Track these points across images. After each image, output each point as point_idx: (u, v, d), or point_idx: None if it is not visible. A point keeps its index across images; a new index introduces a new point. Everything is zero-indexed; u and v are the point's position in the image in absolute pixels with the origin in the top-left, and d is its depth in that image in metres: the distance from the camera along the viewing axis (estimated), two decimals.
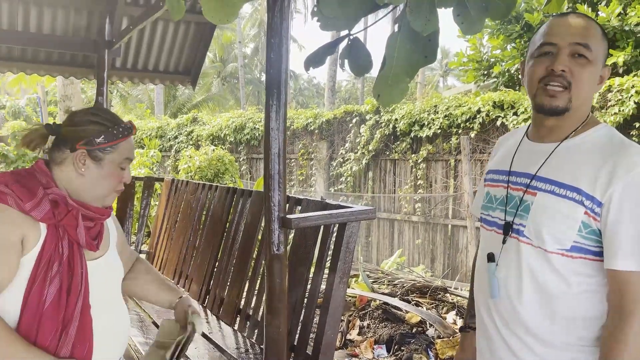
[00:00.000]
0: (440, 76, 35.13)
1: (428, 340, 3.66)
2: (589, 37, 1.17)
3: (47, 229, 1.22)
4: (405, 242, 8.45)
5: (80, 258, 1.26)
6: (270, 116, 1.82)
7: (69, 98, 7.75)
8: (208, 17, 1.04)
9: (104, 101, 4.29)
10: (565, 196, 1.17)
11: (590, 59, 1.16)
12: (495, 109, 7.06)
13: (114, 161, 1.32)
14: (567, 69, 1.16)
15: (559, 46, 1.17)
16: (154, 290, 1.59)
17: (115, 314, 1.39)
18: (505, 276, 1.26)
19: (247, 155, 11.17)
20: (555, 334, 1.21)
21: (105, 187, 1.33)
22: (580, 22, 1.19)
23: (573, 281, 1.18)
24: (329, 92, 19.99)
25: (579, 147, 1.21)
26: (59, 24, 4.31)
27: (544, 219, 1.18)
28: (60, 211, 1.24)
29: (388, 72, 1.18)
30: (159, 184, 5.10)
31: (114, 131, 1.31)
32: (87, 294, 1.26)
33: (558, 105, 1.18)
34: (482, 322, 1.37)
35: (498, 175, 1.37)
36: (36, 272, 1.19)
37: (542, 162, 1.23)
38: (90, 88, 17.09)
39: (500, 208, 1.31)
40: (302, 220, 1.99)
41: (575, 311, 1.19)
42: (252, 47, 32.76)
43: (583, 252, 1.17)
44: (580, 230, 1.15)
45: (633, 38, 6.46)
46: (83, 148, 1.28)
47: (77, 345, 1.22)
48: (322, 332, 2.15)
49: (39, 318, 1.18)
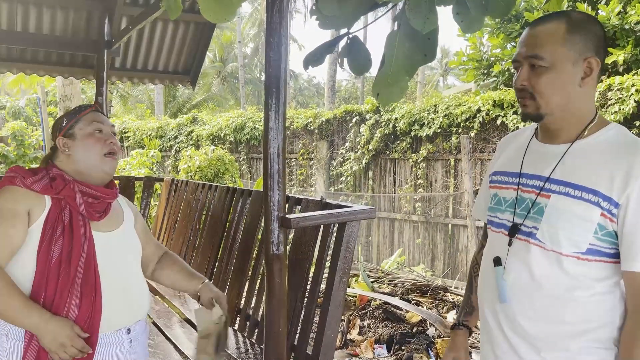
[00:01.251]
0: (440, 75, 35.10)
1: (428, 340, 3.66)
2: (537, 47, 1.19)
3: (51, 201, 1.46)
4: (405, 241, 8.44)
5: (84, 225, 1.47)
6: (270, 116, 1.82)
7: (69, 98, 7.75)
8: (206, 16, 1.04)
9: (104, 101, 4.28)
10: (581, 198, 1.15)
11: (546, 65, 1.18)
12: (495, 108, 7.05)
13: (83, 129, 1.55)
14: (526, 82, 1.21)
15: (520, 62, 1.24)
16: (180, 280, 1.79)
17: (129, 282, 1.57)
18: (514, 280, 1.24)
19: (247, 155, 11.17)
20: (568, 337, 1.19)
21: (91, 153, 1.54)
22: (535, 31, 1.22)
23: (586, 284, 1.17)
24: (329, 91, 19.97)
25: (592, 147, 1.20)
26: (58, 24, 4.30)
27: (560, 222, 1.17)
28: (57, 184, 1.47)
29: (387, 70, 1.18)
30: (159, 184, 5.10)
31: (72, 112, 1.59)
32: (91, 255, 1.46)
33: (529, 112, 1.23)
34: (487, 326, 1.35)
35: (507, 177, 1.35)
36: (44, 235, 1.42)
37: (554, 164, 1.22)
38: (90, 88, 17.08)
39: (510, 210, 1.30)
40: (302, 219, 1.99)
41: (588, 314, 1.18)
42: (252, 47, 32.75)
43: (598, 254, 1.16)
44: (596, 232, 1.14)
45: (633, 37, 6.44)
46: (59, 136, 1.56)
47: (83, 295, 1.41)
48: (322, 331, 2.15)
49: (47, 273, 1.40)
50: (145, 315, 1.64)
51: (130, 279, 1.59)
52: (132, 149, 12.47)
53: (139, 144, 12.87)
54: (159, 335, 2.72)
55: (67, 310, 1.40)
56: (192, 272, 1.81)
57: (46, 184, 1.47)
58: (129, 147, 13.40)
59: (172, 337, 2.68)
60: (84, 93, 17.00)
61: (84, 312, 1.41)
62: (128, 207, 1.73)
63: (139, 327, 1.60)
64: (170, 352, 2.50)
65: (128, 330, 1.55)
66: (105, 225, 1.55)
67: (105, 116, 1.63)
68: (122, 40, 4.05)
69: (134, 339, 1.57)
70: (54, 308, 1.39)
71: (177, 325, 2.87)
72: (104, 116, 1.63)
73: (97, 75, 4.28)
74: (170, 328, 2.81)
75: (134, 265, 1.64)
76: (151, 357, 2.42)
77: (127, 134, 13.87)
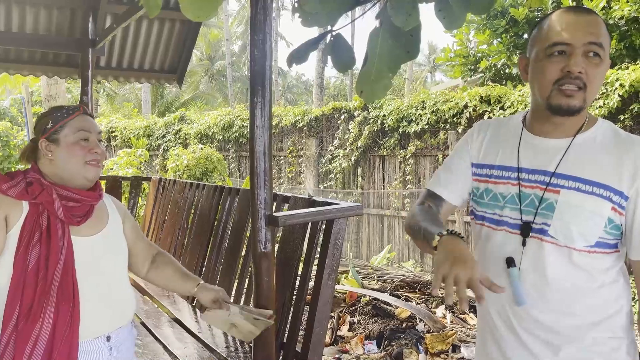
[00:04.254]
0: (428, 72, 35.21)
1: (418, 335, 3.68)
2: (601, 36, 1.14)
3: (29, 206, 1.43)
4: (394, 237, 8.47)
5: (63, 230, 1.44)
6: (255, 114, 1.81)
7: (54, 98, 7.66)
8: (187, 14, 1.03)
9: (89, 101, 4.24)
10: (593, 193, 1.15)
11: (602, 57, 1.14)
12: (482, 104, 7.09)
13: (67, 136, 1.50)
14: (583, 71, 1.13)
15: (574, 46, 1.13)
16: (175, 281, 1.76)
17: (111, 287, 1.53)
18: (531, 280, 1.22)
19: (235, 153, 11.13)
20: (580, 330, 1.19)
21: (73, 161, 1.49)
22: (591, 19, 1.15)
23: (596, 276, 1.18)
24: (317, 89, 19.95)
25: (592, 142, 1.20)
26: (42, 23, 4.25)
27: (572, 217, 1.16)
28: (33, 189, 1.44)
29: (370, 67, 1.18)
30: (147, 183, 5.07)
31: (59, 114, 1.53)
32: (69, 261, 1.43)
33: (575, 105, 1.15)
34: (495, 327, 1.31)
35: (501, 171, 1.30)
36: (20, 241, 1.39)
37: (558, 158, 1.20)
38: (76, 87, 16.90)
39: (512, 207, 1.26)
40: (289, 217, 1.99)
41: (600, 305, 1.19)
42: (240, 45, 32.63)
43: (605, 246, 1.18)
44: (605, 226, 1.15)
45: (617, 31, 6.51)
46: (42, 138, 1.51)
47: (60, 303, 1.38)
48: (311, 329, 2.15)
49: (24, 280, 1.37)
50: (128, 322, 1.59)
51: (112, 285, 1.55)
52: (119, 148, 12.37)
53: (127, 144, 12.76)
54: (148, 335, 2.70)
55: (43, 318, 1.36)
56: (186, 273, 1.78)
57: (22, 189, 1.44)
58: (116, 146, 13.30)
59: (160, 337, 2.67)
60: (70, 92, 16.82)
61: (63, 320, 1.38)
62: (115, 208, 1.68)
63: (121, 333, 1.55)
64: (159, 353, 2.49)
65: (108, 337, 1.50)
66: (86, 229, 1.52)
67: (92, 119, 1.59)
68: (106, 39, 4.01)
69: (115, 346, 1.52)
70: (31, 315, 1.36)
71: (166, 325, 2.85)
72: (91, 120, 1.57)
73: (82, 75, 4.24)
74: (160, 328, 2.80)
75: (118, 269, 1.59)
76: (140, 357, 2.41)
77: (114, 134, 13.76)
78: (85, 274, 1.46)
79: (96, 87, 19.15)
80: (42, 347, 1.35)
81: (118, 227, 1.64)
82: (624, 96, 5.60)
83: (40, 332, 1.35)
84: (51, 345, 1.36)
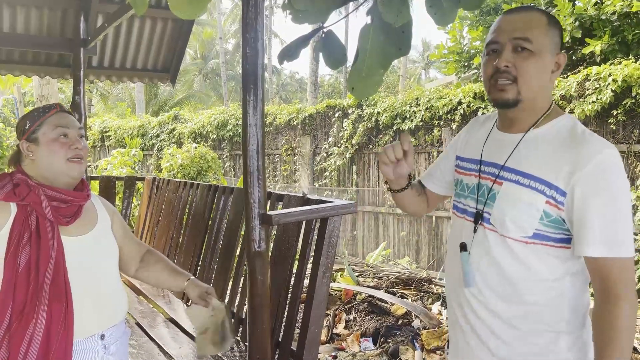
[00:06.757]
0: (422, 69, 35.21)
1: (414, 332, 3.68)
2: (527, 30, 1.19)
3: (17, 207, 1.43)
4: (390, 234, 8.48)
5: (52, 230, 1.44)
6: (248, 112, 1.81)
7: (46, 98, 7.62)
8: (175, 13, 1.02)
9: (81, 100, 4.22)
10: (529, 186, 1.20)
11: (533, 50, 1.19)
12: (476, 100, 7.10)
13: (46, 134, 1.50)
14: (510, 64, 1.19)
15: (501, 43, 1.21)
16: (164, 278, 1.77)
17: (102, 286, 1.54)
18: (478, 264, 1.29)
19: (230, 152, 11.10)
20: (522, 319, 1.24)
21: (55, 159, 1.49)
22: (521, 16, 1.22)
23: (535, 268, 1.21)
24: (311, 86, 19.92)
25: (544, 137, 1.24)
26: (33, 23, 4.22)
27: (507, 208, 1.22)
28: (21, 190, 1.44)
29: (361, 64, 1.18)
30: (141, 183, 5.05)
31: (35, 114, 1.54)
32: (60, 261, 1.43)
33: (508, 98, 1.21)
34: (454, 314, 1.40)
35: (469, 163, 1.40)
36: (10, 242, 1.39)
37: (509, 152, 1.27)
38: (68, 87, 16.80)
39: (472, 196, 1.35)
40: (283, 216, 1.98)
41: (540, 297, 1.22)
42: (234, 43, 32.51)
43: (545, 239, 1.20)
44: (542, 219, 1.19)
45: (610, 27, 6.53)
46: (22, 139, 1.51)
47: (53, 303, 1.39)
48: (306, 327, 2.15)
49: (15, 280, 1.37)
50: (121, 320, 1.60)
51: (104, 283, 1.55)
52: (113, 148, 12.33)
53: (120, 143, 12.71)
54: (143, 336, 2.69)
55: (37, 318, 1.37)
56: (176, 269, 1.78)
57: (9, 190, 1.44)
58: (110, 146, 13.24)
59: (156, 337, 2.66)
60: (63, 92, 16.74)
61: (57, 319, 1.39)
62: (103, 208, 1.68)
63: (115, 331, 1.57)
64: (154, 353, 2.48)
65: (102, 336, 1.51)
66: (76, 229, 1.52)
67: (70, 116, 1.57)
68: (98, 38, 3.98)
69: (109, 344, 1.53)
70: (24, 316, 1.36)
71: (161, 325, 2.85)
72: (70, 117, 1.56)
73: (74, 75, 4.21)
74: (155, 328, 2.79)
75: (109, 268, 1.60)
76: (135, 357, 2.40)
77: (108, 133, 13.69)
78: (76, 274, 1.46)
79: (89, 87, 19.03)
80: (36, 346, 1.35)
81: (107, 227, 1.65)
82: (617, 91, 5.61)
83: (34, 332, 1.36)
84: (47, 345, 1.36)
